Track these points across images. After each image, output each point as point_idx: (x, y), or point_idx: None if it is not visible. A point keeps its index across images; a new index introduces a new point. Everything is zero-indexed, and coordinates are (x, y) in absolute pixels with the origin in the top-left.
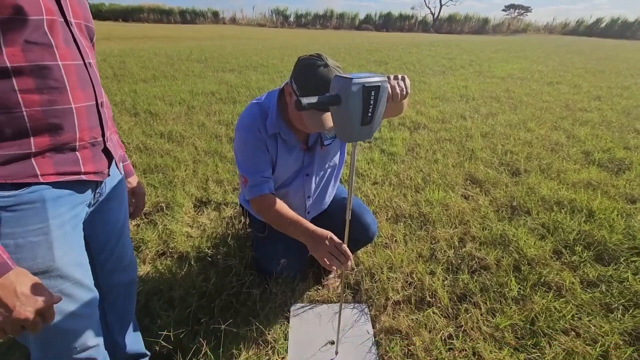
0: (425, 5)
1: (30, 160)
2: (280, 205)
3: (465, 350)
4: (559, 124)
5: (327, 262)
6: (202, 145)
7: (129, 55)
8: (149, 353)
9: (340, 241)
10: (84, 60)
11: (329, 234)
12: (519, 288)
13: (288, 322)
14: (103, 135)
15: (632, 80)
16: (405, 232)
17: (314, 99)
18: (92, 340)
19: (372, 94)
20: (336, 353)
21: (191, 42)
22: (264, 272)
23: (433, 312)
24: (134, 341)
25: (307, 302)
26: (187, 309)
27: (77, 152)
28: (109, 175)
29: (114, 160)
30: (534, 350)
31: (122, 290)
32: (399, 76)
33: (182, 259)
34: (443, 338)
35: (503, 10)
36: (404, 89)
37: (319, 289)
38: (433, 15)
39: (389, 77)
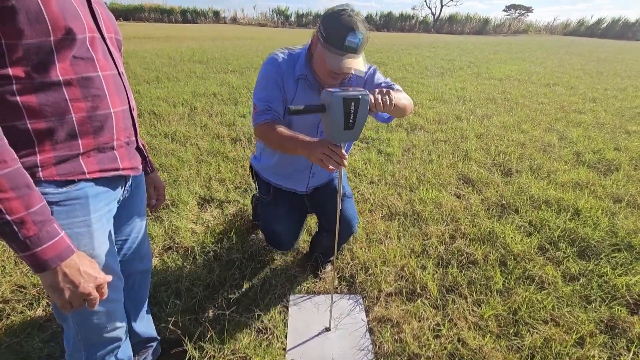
0: (426, 5)
1: (78, 159)
2: (282, 127)
3: (451, 337)
4: (553, 125)
5: (324, 163)
6: (205, 145)
7: (132, 57)
8: (159, 337)
9: (334, 147)
10: (117, 69)
11: (325, 140)
12: (504, 281)
13: (287, 310)
14: (136, 135)
15: (628, 81)
16: (399, 229)
17: (301, 106)
18: (119, 321)
19: (352, 104)
20: (328, 329)
21: (193, 43)
22: (267, 234)
23: (422, 303)
24: (147, 325)
25: (305, 293)
26: (192, 298)
27: (115, 151)
28: (143, 170)
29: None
30: (515, 338)
31: (139, 277)
32: (384, 90)
33: (187, 253)
34: (431, 326)
35: (504, 10)
36: (387, 101)
37: (316, 282)
38: (434, 15)
39: (374, 91)
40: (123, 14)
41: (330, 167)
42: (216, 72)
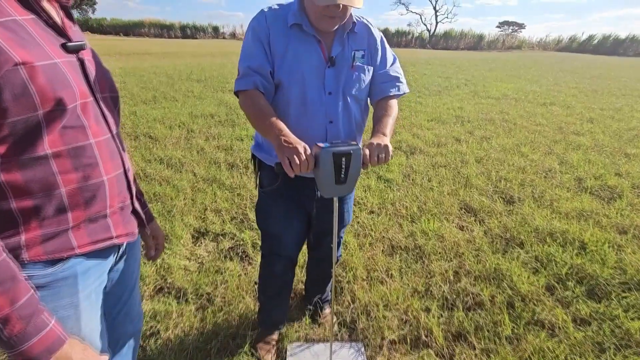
0: (422, 22)
1: (67, 233)
2: (265, 104)
3: None
4: (552, 148)
5: (286, 164)
6: (201, 172)
7: (130, 75)
8: None
9: (308, 154)
10: (111, 132)
11: (301, 146)
12: (513, 327)
13: None
14: (131, 197)
15: (624, 100)
16: (400, 265)
17: None
18: None
19: (343, 159)
20: None
21: (191, 59)
22: (265, 234)
23: (428, 355)
24: None
25: (303, 341)
26: (184, 351)
27: (107, 219)
28: (139, 233)
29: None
30: None
31: (129, 340)
32: (381, 145)
33: (179, 295)
34: None
35: (497, 27)
36: (384, 158)
37: (314, 327)
38: (429, 31)
39: (371, 144)
40: (123, 30)
41: (291, 172)
42: (214, 91)
